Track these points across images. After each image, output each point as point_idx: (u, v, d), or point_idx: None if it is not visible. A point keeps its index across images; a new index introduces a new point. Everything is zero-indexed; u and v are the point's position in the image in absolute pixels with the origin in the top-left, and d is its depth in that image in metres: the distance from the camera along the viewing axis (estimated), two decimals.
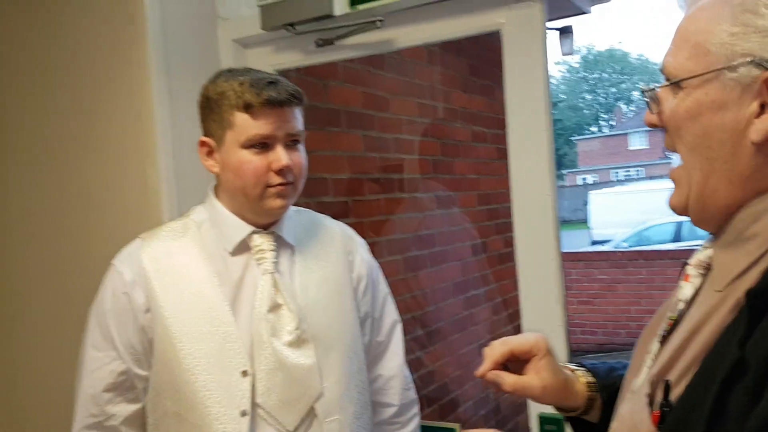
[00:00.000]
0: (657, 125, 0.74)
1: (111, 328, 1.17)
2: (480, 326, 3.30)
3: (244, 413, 1.12)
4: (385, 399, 1.36)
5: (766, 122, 0.65)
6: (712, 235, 0.74)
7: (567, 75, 44.62)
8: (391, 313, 1.38)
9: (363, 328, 1.31)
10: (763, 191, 0.68)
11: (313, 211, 1.37)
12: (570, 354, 1.49)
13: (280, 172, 1.14)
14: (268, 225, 1.22)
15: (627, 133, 31.47)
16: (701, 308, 0.70)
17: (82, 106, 1.77)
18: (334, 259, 1.29)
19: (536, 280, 1.50)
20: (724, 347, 0.64)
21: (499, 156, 3.42)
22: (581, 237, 16.27)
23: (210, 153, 1.19)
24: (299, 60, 1.80)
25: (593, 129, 41.99)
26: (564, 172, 31.69)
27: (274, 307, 1.17)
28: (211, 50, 1.82)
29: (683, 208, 0.74)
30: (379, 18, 1.57)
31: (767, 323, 0.62)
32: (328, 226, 1.34)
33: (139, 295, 1.16)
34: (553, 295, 1.47)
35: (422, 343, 2.83)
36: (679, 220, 11.27)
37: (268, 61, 1.82)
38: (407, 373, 1.40)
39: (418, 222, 2.89)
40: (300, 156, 1.19)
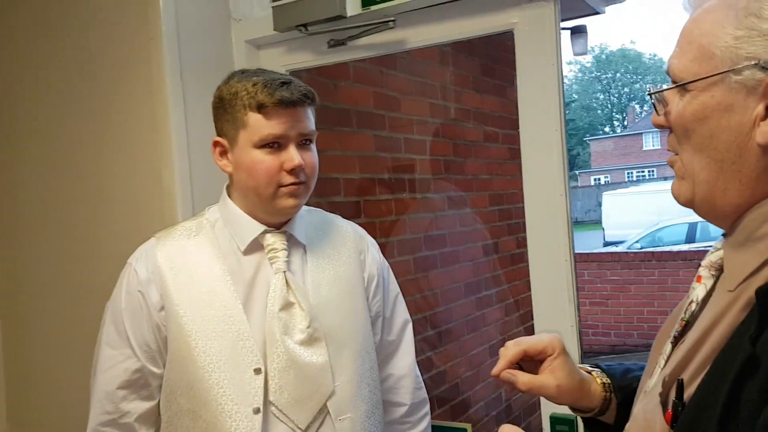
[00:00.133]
0: (664, 126, 0.75)
1: (126, 326, 1.18)
2: (491, 327, 3.29)
3: (256, 411, 1.13)
4: (396, 398, 1.36)
5: None
6: (723, 237, 0.75)
7: (580, 75, 44.38)
8: (401, 313, 1.39)
9: (374, 327, 1.31)
10: None
11: (324, 210, 1.38)
12: (582, 355, 1.49)
13: (292, 171, 1.15)
14: (281, 224, 1.22)
15: (640, 134, 31.21)
16: (714, 309, 0.70)
17: (97, 108, 1.79)
18: (346, 259, 1.29)
19: (548, 281, 1.49)
20: (735, 345, 0.64)
21: (512, 156, 3.42)
22: (594, 238, 16.17)
23: (223, 153, 1.20)
24: (311, 60, 1.81)
25: (606, 129, 41.73)
26: (577, 172, 31.50)
27: (287, 305, 1.17)
28: (224, 51, 1.83)
29: (687, 201, 0.74)
30: (391, 18, 1.58)
31: None
32: (340, 226, 1.34)
33: (153, 294, 1.17)
34: (565, 296, 1.47)
35: (433, 344, 2.83)
36: (693, 221, 11.18)
37: (280, 62, 1.83)
38: (418, 372, 1.41)
39: (429, 222, 2.89)
40: (312, 156, 1.20)
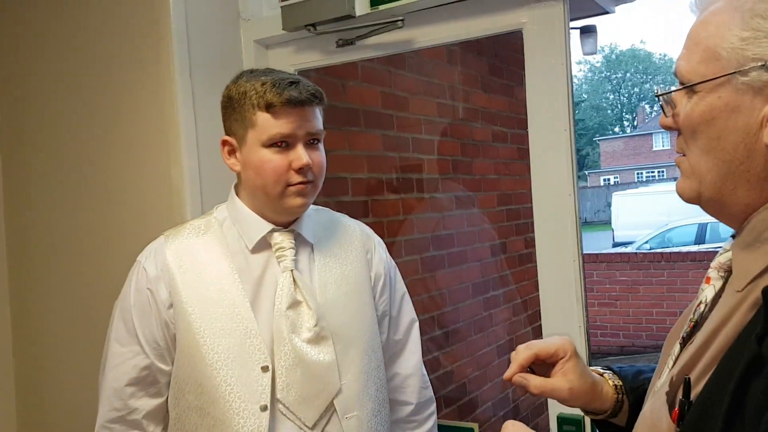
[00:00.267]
0: (672, 127, 0.75)
1: (135, 323, 1.19)
2: (499, 327, 3.28)
3: (264, 408, 1.13)
4: (402, 397, 1.37)
5: None
6: (732, 238, 0.75)
7: (590, 75, 44.17)
8: (408, 312, 1.39)
9: (380, 326, 1.32)
10: None
11: (331, 210, 1.38)
12: (590, 356, 1.48)
13: (300, 170, 1.15)
14: (288, 223, 1.23)
15: (650, 134, 31.02)
16: (722, 309, 0.70)
17: (107, 107, 1.80)
18: (353, 258, 1.29)
19: (557, 282, 1.49)
20: (742, 344, 0.64)
21: (520, 156, 3.41)
22: (604, 239, 16.09)
23: (232, 152, 1.21)
24: (320, 60, 1.81)
25: (616, 129, 41.52)
26: (586, 172, 31.37)
27: (294, 304, 1.18)
28: (233, 51, 1.84)
29: (691, 198, 0.74)
30: (400, 18, 1.58)
31: None
32: (347, 225, 1.35)
33: (162, 291, 1.18)
34: (573, 297, 1.47)
35: (441, 344, 2.82)
36: (702, 221, 11.10)
37: (289, 61, 1.84)
38: (424, 371, 1.41)
39: (436, 222, 2.88)
40: (320, 155, 1.20)
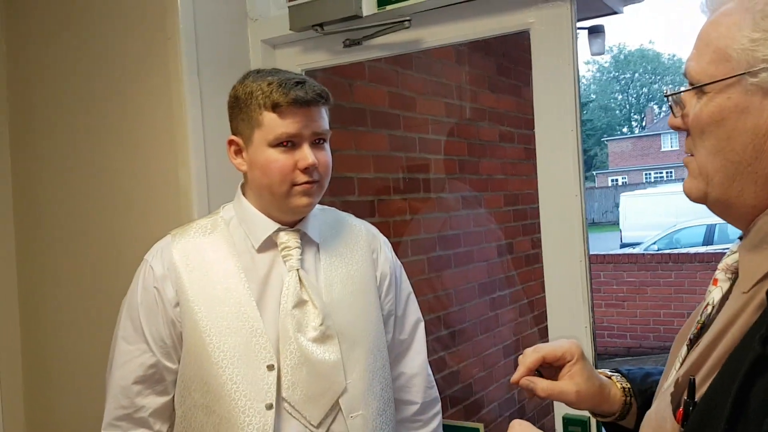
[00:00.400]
0: (681, 128, 0.75)
1: (141, 322, 1.20)
2: (505, 328, 3.28)
3: (269, 406, 1.14)
4: (407, 396, 1.37)
5: None
6: (739, 239, 0.75)
7: (598, 75, 43.99)
8: (414, 312, 1.39)
9: (386, 325, 1.32)
10: None
11: (337, 209, 1.38)
12: (596, 357, 1.48)
13: (306, 170, 1.16)
14: (294, 223, 1.23)
15: (659, 134, 30.87)
16: (728, 311, 0.70)
17: (114, 106, 1.81)
18: (359, 257, 1.30)
19: (563, 282, 1.48)
20: (747, 345, 0.64)
21: (527, 156, 3.40)
22: (611, 239, 16.02)
23: (238, 152, 1.21)
24: (327, 60, 1.81)
25: (624, 130, 41.33)
26: (594, 173, 31.24)
27: (300, 303, 1.18)
28: (240, 50, 1.85)
29: (698, 198, 0.74)
30: (407, 18, 1.58)
31: None
32: (353, 225, 1.35)
33: (169, 290, 1.19)
34: (579, 298, 1.46)
35: (446, 344, 2.82)
36: (710, 222, 11.04)
37: (296, 61, 1.84)
38: (430, 371, 1.41)
39: (443, 222, 2.88)
40: (326, 155, 1.20)
